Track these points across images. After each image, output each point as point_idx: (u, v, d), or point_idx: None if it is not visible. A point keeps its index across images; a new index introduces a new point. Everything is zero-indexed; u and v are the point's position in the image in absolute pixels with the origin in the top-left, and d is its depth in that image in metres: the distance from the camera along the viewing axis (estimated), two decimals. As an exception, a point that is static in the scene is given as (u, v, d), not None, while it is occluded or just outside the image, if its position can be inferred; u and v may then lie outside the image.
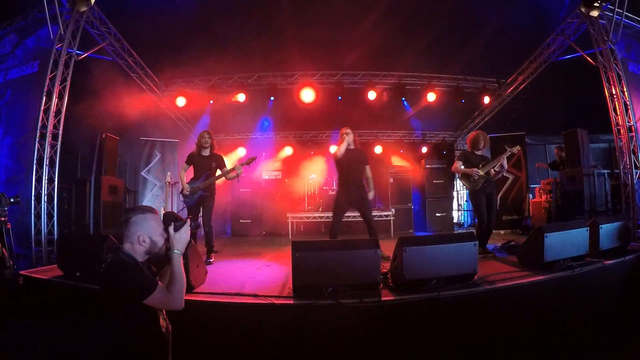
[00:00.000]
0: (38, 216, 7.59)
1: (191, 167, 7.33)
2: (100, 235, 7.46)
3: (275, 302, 4.16)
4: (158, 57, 10.01)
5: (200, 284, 4.88)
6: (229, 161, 12.89)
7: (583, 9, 8.52)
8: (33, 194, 7.54)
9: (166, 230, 2.69)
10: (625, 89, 8.54)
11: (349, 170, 6.99)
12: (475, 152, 7.15)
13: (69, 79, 7.91)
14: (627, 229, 6.14)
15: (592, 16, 8.52)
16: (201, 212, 7.11)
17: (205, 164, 7.18)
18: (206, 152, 7.26)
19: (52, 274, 5.32)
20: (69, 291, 4.81)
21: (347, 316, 4.00)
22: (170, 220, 2.72)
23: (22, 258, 7.41)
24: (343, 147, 6.84)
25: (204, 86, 11.82)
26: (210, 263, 6.75)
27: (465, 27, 9.57)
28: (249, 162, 7.25)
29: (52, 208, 7.77)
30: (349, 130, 6.98)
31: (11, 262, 5.88)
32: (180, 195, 7.26)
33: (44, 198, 7.60)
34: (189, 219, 2.81)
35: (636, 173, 8.45)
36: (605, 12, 8.46)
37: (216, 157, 7.33)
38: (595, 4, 8.24)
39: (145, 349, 2.50)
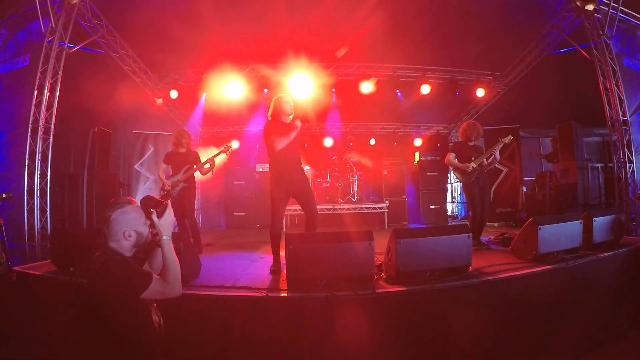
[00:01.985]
0: (31, 211, 7.54)
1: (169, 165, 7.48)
2: (94, 229, 7.43)
3: (270, 294, 4.16)
4: (150, 50, 9.94)
5: (194, 277, 4.87)
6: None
7: (578, 3, 8.49)
8: (26, 189, 7.49)
9: (149, 218, 2.63)
10: (619, 83, 8.54)
11: (294, 148, 5.64)
12: (468, 144, 7.12)
13: (60, 73, 7.84)
14: (621, 222, 6.15)
15: (587, 10, 8.48)
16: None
17: (183, 160, 7.32)
18: (183, 150, 7.41)
19: (46, 270, 5.27)
20: (63, 286, 4.79)
21: (341, 308, 4.00)
22: (150, 206, 2.65)
23: (16, 254, 7.38)
24: (293, 135, 5.45)
25: (197, 78, 11.76)
26: (201, 252, 6.79)
27: (459, 20, 9.54)
28: (225, 150, 7.43)
29: (45, 203, 7.72)
30: (287, 97, 5.77)
31: (5, 258, 5.86)
32: (161, 191, 7.47)
33: (36, 193, 7.55)
34: (168, 201, 2.73)
35: (629, 167, 8.48)
36: (601, 7, 8.44)
37: (193, 153, 7.50)
38: (591, -2, 8.24)
39: (138, 345, 2.47)
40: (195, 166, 7.25)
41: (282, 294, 4.22)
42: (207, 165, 7.22)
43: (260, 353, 3.95)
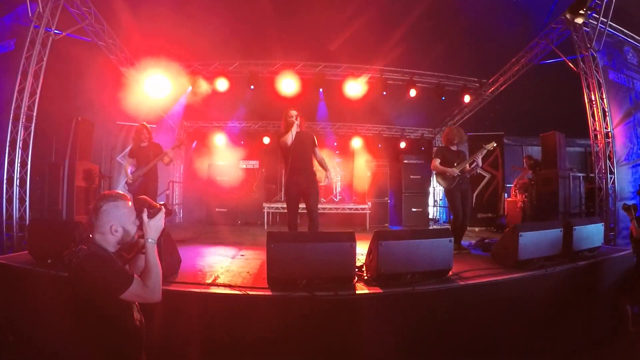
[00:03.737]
0: (10, 201, 7.39)
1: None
2: (73, 221, 7.33)
3: (250, 293, 4.13)
4: (138, 41, 9.82)
5: (173, 273, 4.82)
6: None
7: (568, 16, 8.58)
8: (5, 177, 7.34)
9: (139, 217, 2.57)
10: (604, 96, 8.68)
11: (300, 155, 6.33)
12: (451, 148, 7.20)
13: (45, 59, 7.68)
14: (600, 231, 6.24)
15: (576, 23, 8.60)
16: None
17: (144, 154, 7.66)
18: (144, 144, 7.77)
19: (23, 261, 5.16)
20: (40, 279, 4.70)
21: (321, 309, 4.00)
22: (143, 206, 2.59)
23: (-7, 244, 7.26)
24: (294, 130, 6.18)
25: (184, 72, 11.67)
26: None
27: (448, 26, 9.58)
28: (178, 145, 8.14)
29: (25, 192, 7.57)
30: (296, 112, 6.36)
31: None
32: (125, 185, 7.71)
33: (16, 182, 7.41)
34: (163, 206, 2.69)
35: (611, 178, 8.61)
36: (590, 20, 8.55)
37: (154, 146, 7.89)
38: (581, 12, 8.28)
39: (119, 344, 2.41)
40: (153, 160, 7.60)
41: (263, 293, 4.18)
42: (166, 159, 7.66)
43: (240, 351, 3.93)
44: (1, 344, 4.74)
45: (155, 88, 11.29)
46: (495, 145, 7.19)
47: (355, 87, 11.78)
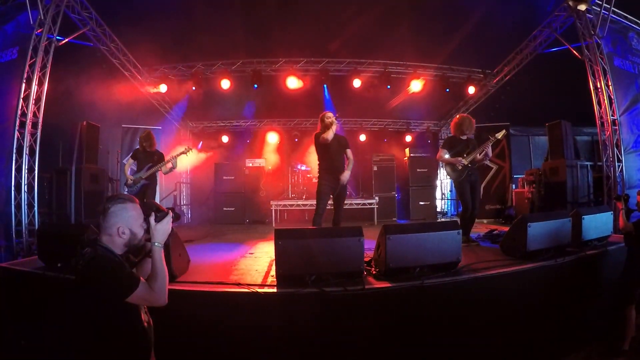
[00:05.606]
0: (18, 207, 7.44)
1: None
2: (82, 224, 7.36)
3: (259, 290, 4.14)
4: (140, 43, 9.84)
5: (182, 273, 4.83)
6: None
7: (571, 3, 8.53)
8: (13, 184, 7.40)
9: (146, 220, 2.56)
10: (610, 83, 8.62)
11: (335, 155, 6.77)
12: (461, 137, 7.08)
13: (49, 66, 7.74)
14: (609, 220, 6.19)
15: (579, 10, 8.54)
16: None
17: (148, 158, 7.97)
18: (150, 149, 8.07)
19: (33, 266, 5.19)
20: (51, 283, 4.73)
21: (330, 304, 3.99)
22: (151, 210, 2.58)
23: (4, 250, 7.31)
24: (332, 131, 6.55)
25: (187, 72, 11.70)
26: None
27: (451, 17, 9.54)
28: (185, 151, 8.15)
29: (33, 198, 7.63)
30: (332, 114, 6.73)
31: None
32: (125, 187, 8.00)
33: (24, 188, 7.46)
34: (170, 210, 2.69)
35: (619, 166, 8.55)
36: (593, 7, 8.49)
37: (158, 153, 8.30)
38: (584, -2, 8.26)
39: (127, 346, 2.40)
40: (158, 165, 7.91)
41: (272, 290, 4.20)
42: (170, 165, 7.90)
43: (249, 349, 3.93)
44: (13, 349, 4.76)
45: (160, 90, 11.36)
46: (505, 133, 7.11)
47: (359, 82, 11.77)
